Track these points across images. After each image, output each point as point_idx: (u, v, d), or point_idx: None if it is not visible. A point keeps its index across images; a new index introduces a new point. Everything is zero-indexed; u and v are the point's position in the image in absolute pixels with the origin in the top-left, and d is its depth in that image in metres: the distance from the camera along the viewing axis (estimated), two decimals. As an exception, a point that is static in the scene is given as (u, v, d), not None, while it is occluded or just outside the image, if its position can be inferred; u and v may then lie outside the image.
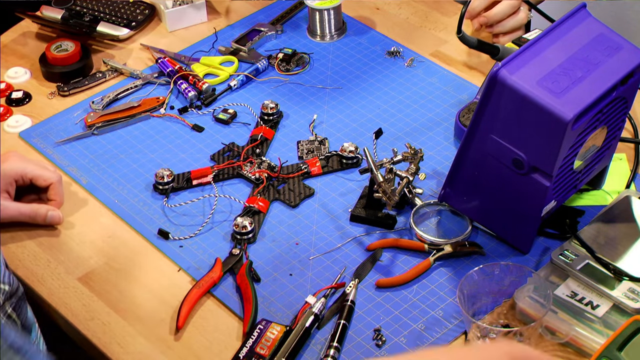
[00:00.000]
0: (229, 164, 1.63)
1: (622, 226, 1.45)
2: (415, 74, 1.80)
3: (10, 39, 1.95)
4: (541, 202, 1.40)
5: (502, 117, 1.36)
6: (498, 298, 1.39)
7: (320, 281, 1.45)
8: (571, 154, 1.38)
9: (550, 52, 1.36)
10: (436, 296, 1.42)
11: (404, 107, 1.73)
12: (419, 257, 1.47)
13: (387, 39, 1.88)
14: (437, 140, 1.66)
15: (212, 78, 1.82)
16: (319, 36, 1.89)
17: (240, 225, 1.50)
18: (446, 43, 1.86)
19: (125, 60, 1.87)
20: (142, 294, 1.45)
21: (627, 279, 1.36)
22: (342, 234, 1.52)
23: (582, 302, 1.35)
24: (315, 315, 1.37)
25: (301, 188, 1.59)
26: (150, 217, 1.56)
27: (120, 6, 1.97)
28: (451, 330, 1.37)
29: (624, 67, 1.36)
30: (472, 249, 1.47)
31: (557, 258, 1.40)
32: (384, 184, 1.48)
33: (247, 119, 1.73)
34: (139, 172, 1.64)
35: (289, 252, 1.50)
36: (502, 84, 1.33)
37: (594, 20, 1.40)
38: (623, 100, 1.40)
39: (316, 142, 1.67)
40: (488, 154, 1.41)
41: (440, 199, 1.52)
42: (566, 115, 1.30)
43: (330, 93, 1.77)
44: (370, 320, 1.39)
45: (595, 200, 1.53)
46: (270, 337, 1.36)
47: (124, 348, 1.38)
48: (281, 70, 1.82)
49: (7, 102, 1.79)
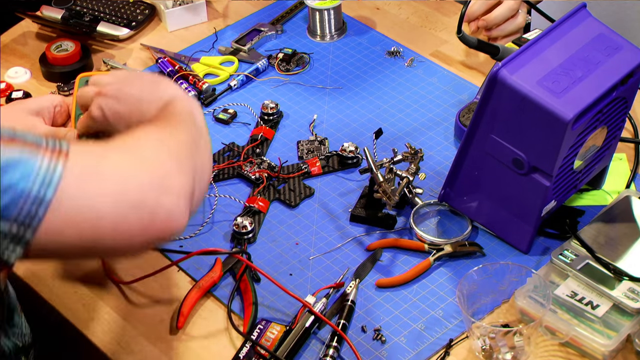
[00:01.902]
0: (229, 164, 1.63)
1: (622, 226, 1.45)
2: (415, 74, 1.80)
3: (10, 39, 1.95)
4: (541, 202, 1.40)
5: (502, 117, 1.36)
6: (498, 298, 1.39)
7: (320, 281, 1.45)
8: (571, 154, 1.38)
9: (550, 52, 1.36)
10: (436, 296, 1.42)
11: (404, 107, 1.73)
12: (419, 257, 1.47)
13: (387, 39, 1.88)
14: (437, 140, 1.66)
15: (212, 78, 1.82)
16: (319, 36, 1.89)
17: (240, 225, 1.50)
18: (446, 43, 1.86)
19: (125, 60, 1.87)
20: (142, 294, 1.45)
21: (627, 279, 1.36)
22: (342, 234, 1.52)
23: (582, 302, 1.35)
24: (315, 315, 1.37)
25: (301, 188, 1.59)
26: (150, 217, 1.56)
27: (120, 6, 1.97)
28: (451, 330, 1.37)
29: (624, 67, 1.36)
30: (472, 249, 1.47)
31: (557, 258, 1.40)
32: (384, 184, 1.48)
33: (247, 119, 1.73)
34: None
35: (289, 252, 1.50)
36: (502, 84, 1.33)
37: (594, 20, 1.40)
38: (623, 100, 1.40)
39: (316, 142, 1.67)
40: (488, 154, 1.41)
41: (440, 199, 1.52)
42: (566, 115, 1.30)
43: (330, 93, 1.77)
44: (370, 320, 1.39)
45: (595, 200, 1.53)
46: (270, 337, 1.36)
47: (124, 348, 1.38)
48: (281, 70, 1.82)
49: (7, 102, 1.79)
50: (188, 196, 1.14)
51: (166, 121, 1.23)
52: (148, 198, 1.10)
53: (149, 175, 1.11)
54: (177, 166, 1.14)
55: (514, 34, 1.76)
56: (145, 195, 1.10)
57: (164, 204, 1.10)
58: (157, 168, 1.13)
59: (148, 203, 1.10)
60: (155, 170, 1.12)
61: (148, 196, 1.10)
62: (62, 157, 1.06)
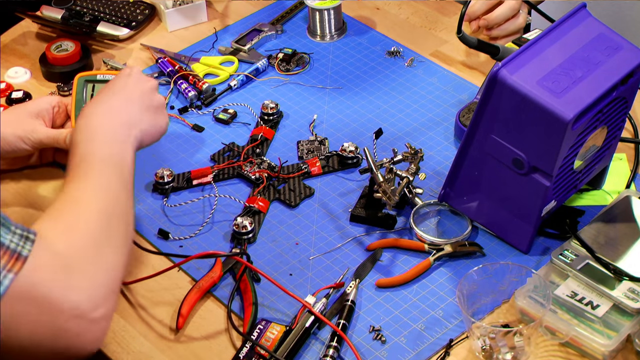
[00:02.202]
0: (229, 164, 1.63)
1: (622, 226, 1.45)
2: (415, 74, 1.80)
3: (10, 39, 1.95)
4: (541, 202, 1.40)
5: (502, 117, 1.36)
6: (498, 298, 1.39)
7: (320, 281, 1.45)
8: (571, 154, 1.38)
9: (550, 52, 1.36)
10: (436, 296, 1.42)
11: (404, 107, 1.73)
12: (419, 257, 1.47)
13: (387, 39, 1.88)
14: (437, 140, 1.66)
15: (212, 78, 1.82)
16: (319, 36, 1.89)
17: (240, 225, 1.50)
18: (446, 43, 1.86)
19: (125, 60, 1.87)
20: (142, 294, 1.45)
21: (627, 279, 1.36)
22: (342, 234, 1.52)
23: (582, 302, 1.35)
24: (315, 315, 1.37)
25: (301, 188, 1.59)
26: (150, 217, 1.56)
27: (120, 6, 1.97)
28: (451, 330, 1.37)
29: (624, 67, 1.36)
30: (472, 249, 1.47)
31: (557, 258, 1.40)
32: (384, 184, 1.48)
33: (247, 119, 1.73)
34: (139, 172, 1.64)
35: (289, 252, 1.50)
36: (502, 84, 1.33)
37: (594, 20, 1.40)
38: (623, 100, 1.40)
39: (316, 142, 1.67)
40: (488, 154, 1.41)
41: (440, 199, 1.52)
42: (566, 115, 1.30)
43: (330, 93, 1.77)
44: (370, 320, 1.39)
45: (595, 200, 1.53)
46: (270, 337, 1.36)
47: (124, 348, 1.38)
48: (281, 70, 1.82)
49: (7, 102, 1.79)
50: (112, 313, 1.19)
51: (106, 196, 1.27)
52: (70, 330, 1.14)
53: (78, 303, 1.14)
54: (109, 283, 1.19)
55: (515, 33, 1.77)
56: (68, 326, 1.14)
57: (86, 335, 1.15)
58: (89, 295, 1.16)
59: (69, 334, 1.14)
60: (86, 299, 1.15)
61: (71, 328, 1.14)
62: (16, 268, 1.10)
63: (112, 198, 1.26)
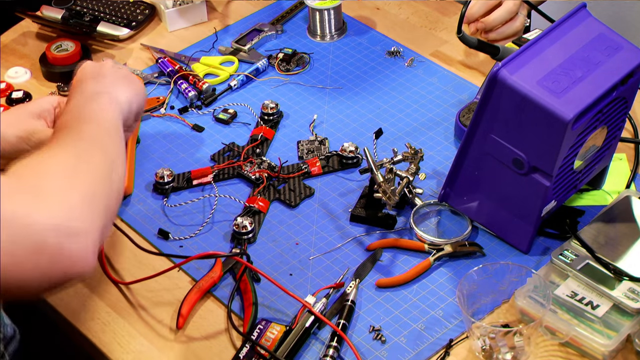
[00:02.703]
0: (229, 164, 1.63)
1: (622, 226, 1.45)
2: (415, 74, 1.80)
3: (10, 39, 1.95)
4: (541, 202, 1.40)
5: (502, 117, 1.36)
6: (498, 298, 1.39)
7: (320, 281, 1.45)
8: (571, 154, 1.38)
9: (550, 52, 1.36)
10: (436, 296, 1.42)
11: (404, 107, 1.73)
12: (419, 257, 1.47)
13: (387, 39, 1.88)
14: (437, 140, 1.66)
15: (212, 78, 1.82)
16: (319, 36, 1.89)
17: (240, 225, 1.50)
18: (446, 43, 1.86)
19: (125, 60, 1.87)
20: (142, 294, 1.45)
21: (627, 279, 1.36)
22: (342, 234, 1.52)
23: (582, 302, 1.35)
24: (315, 315, 1.37)
25: (301, 188, 1.59)
26: (150, 217, 1.56)
27: (120, 6, 1.97)
28: (451, 330, 1.37)
29: (624, 67, 1.36)
30: (472, 249, 1.47)
31: (557, 258, 1.40)
32: (384, 184, 1.48)
33: (247, 119, 1.73)
34: (139, 171, 1.64)
35: (289, 252, 1.50)
36: (502, 84, 1.33)
37: (594, 20, 1.40)
38: (623, 100, 1.40)
39: (316, 142, 1.67)
40: (488, 154, 1.41)
41: (440, 199, 1.52)
42: (566, 115, 1.30)
43: (330, 93, 1.77)
44: (370, 320, 1.39)
45: (595, 200, 1.53)
46: (270, 337, 1.36)
47: (124, 347, 1.38)
48: (281, 70, 1.82)
49: (7, 102, 1.79)
50: (97, 235, 1.08)
51: (80, 138, 1.18)
52: (48, 243, 1.04)
53: (51, 217, 1.05)
54: (86, 203, 1.08)
55: (512, 37, 1.76)
56: (45, 240, 1.04)
57: (68, 248, 1.05)
58: (62, 208, 1.06)
59: (48, 249, 1.04)
60: (59, 211, 1.05)
61: (48, 241, 1.04)
62: None
63: (87, 139, 1.20)
